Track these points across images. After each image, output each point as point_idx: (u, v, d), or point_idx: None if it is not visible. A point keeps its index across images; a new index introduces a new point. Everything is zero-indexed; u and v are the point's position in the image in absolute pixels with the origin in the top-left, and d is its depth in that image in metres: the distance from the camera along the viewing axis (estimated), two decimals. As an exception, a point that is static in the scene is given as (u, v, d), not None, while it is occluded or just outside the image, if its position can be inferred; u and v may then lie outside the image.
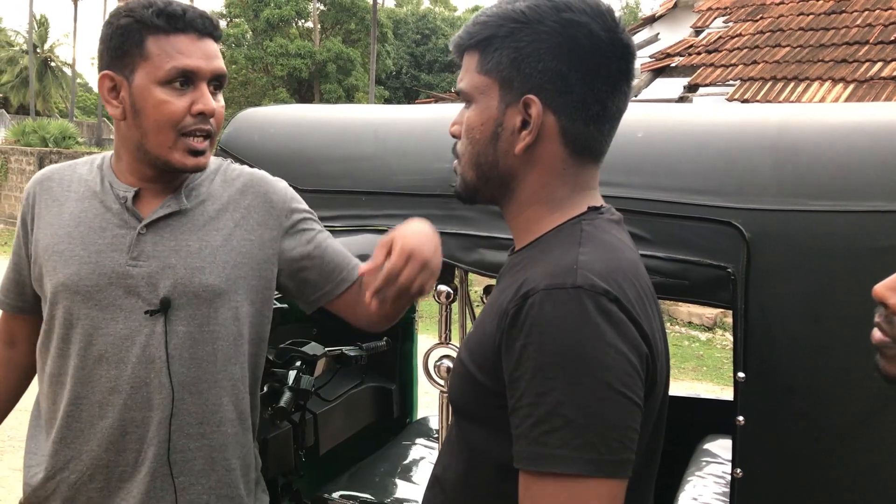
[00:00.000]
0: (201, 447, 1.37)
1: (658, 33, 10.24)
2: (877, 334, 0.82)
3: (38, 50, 40.86)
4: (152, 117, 1.31)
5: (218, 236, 1.39)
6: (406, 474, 2.44)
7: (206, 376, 1.37)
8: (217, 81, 1.36)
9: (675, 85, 8.74)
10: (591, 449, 0.86)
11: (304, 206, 1.51)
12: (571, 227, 1.02)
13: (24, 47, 40.97)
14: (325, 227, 1.56)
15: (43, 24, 43.14)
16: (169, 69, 1.30)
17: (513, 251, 1.12)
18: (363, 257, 1.65)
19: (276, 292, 1.50)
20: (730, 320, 7.20)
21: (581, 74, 0.99)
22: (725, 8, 9.49)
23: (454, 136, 1.12)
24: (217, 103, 1.36)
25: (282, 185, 1.50)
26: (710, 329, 8.00)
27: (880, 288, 0.80)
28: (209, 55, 1.34)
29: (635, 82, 1.17)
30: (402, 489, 2.36)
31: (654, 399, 0.99)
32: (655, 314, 1.01)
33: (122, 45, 1.32)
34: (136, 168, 1.37)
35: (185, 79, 1.32)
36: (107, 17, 1.36)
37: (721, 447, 2.00)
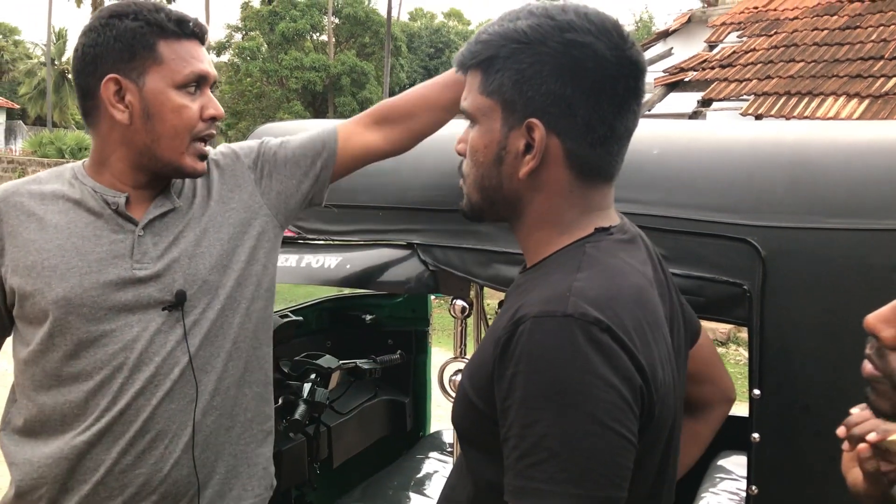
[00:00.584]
0: (216, 419, 1.39)
1: (672, 48, 10.26)
2: (867, 367, 0.77)
3: (56, 62, 41.29)
4: (170, 122, 1.31)
5: (206, 220, 1.41)
6: (419, 488, 2.44)
7: (221, 352, 1.38)
8: (211, 87, 1.40)
9: (689, 99, 8.74)
10: (576, 484, 0.83)
11: (254, 144, 1.53)
12: (574, 251, 0.99)
13: (43, 60, 41.44)
14: (343, 241, 1.58)
15: (61, 37, 43.64)
16: (187, 74, 1.32)
17: (524, 269, 1.10)
18: (381, 271, 1.66)
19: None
20: (743, 335, 7.15)
21: (585, 97, 0.96)
22: (739, 23, 9.49)
23: (460, 154, 1.10)
24: None
25: (229, 147, 1.53)
26: (723, 344, 7.95)
27: (872, 319, 0.75)
28: (210, 61, 1.38)
29: (648, 97, 1.14)
30: (416, 503, 2.36)
31: (656, 430, 0.95)
32: (661, 341, 0.97)
33: (131, 47, 1.29)
34: (129, 174, 1.36)
35: (196, 84, 1.34)
36: (93, 21, 1.33)
37: (735, 464, 1.99)
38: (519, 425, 0.87)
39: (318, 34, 31.66)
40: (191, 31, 1.34)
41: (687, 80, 8.83)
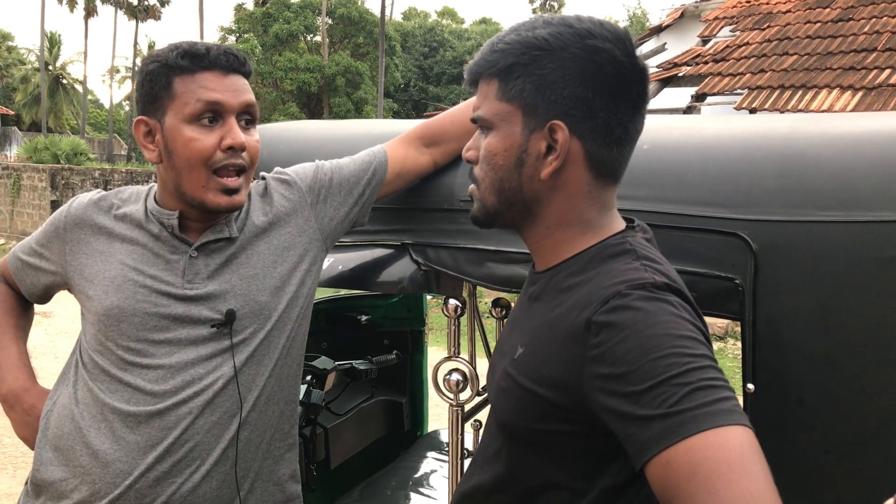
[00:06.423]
0: (248, 434, 1.40)
1: (665, 43, 10.27)
2: None
3: (50, 67, 41.26)
4: (183, 156, 1.33)
5: (261, 244, 1.44)
6: (417, 488, 2.44)
7: (265, 371, 1.41)
8: (248, 115, 1.38)
9: (683, 94, 8.76)
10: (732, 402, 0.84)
11: (309, 168, 1.55)
12: (619, 244, 1.04)
13: (37, 65, 41.39)
14: (336, 243, 1.58)
15: (55, 42, 43.57)
16: (194, 105, 1.32)
17: (535, 272, 1.13)
18: (373, 272, 1.66)
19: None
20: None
21: (605, 100, 1.01)
22: (732, 17, 9.51)
23: (469, 162, 1.13)
24: (250, 137, 1.37)
25: (285, 171, 1.55)
26: (721, 338, 7.96)
27: None
28: (235, 89, 1.35)
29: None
30: (414, 503, 2.36)
31: None
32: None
33: (152, 89, 1.35)
34: (179, 206, 1.40)
35: (213, 114, 1.33)
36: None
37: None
38: (648, 379, 0.85)
39: (311, 35, 31.67)
40: (209, 63, 1.33)
41: (681, 75, 8.84)
